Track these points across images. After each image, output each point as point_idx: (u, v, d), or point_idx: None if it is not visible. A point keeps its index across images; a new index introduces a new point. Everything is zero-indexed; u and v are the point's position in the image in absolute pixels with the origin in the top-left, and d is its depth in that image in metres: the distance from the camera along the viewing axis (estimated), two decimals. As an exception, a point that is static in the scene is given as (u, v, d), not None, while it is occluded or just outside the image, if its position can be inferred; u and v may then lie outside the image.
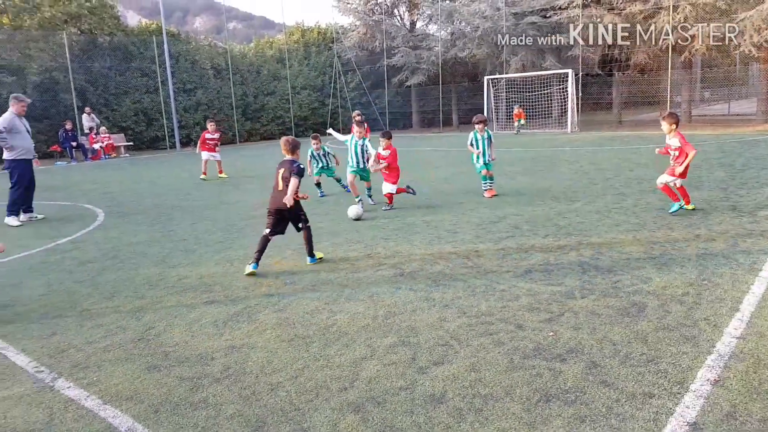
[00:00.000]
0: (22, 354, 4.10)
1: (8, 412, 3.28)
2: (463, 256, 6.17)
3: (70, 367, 3.83)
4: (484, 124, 9.91)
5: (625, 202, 8.81)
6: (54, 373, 3.75)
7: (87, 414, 3.21)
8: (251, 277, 5.76)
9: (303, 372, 3.57)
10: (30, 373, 3.79)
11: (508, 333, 4.03)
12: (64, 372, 3.77)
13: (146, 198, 11.98)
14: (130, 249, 7.31)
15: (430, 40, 35.64)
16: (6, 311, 5.05)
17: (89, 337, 4.34)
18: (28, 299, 5.39)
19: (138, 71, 29.00)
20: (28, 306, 5.19)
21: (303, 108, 36.28)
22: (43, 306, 5.15)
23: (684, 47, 26.17)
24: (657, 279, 5.08)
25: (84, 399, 3.38)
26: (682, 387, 3.18)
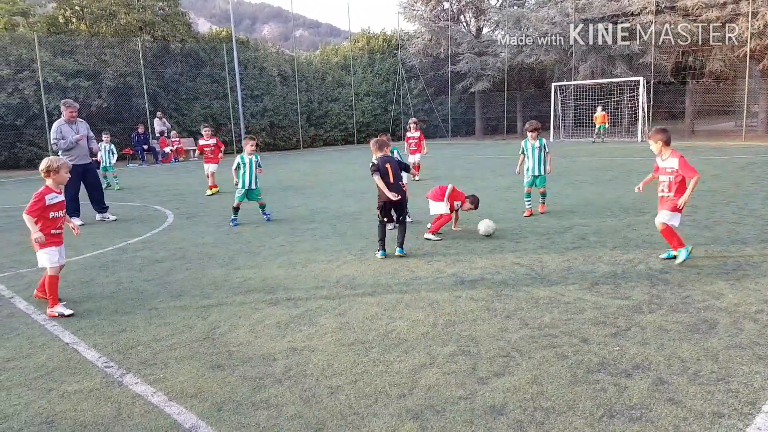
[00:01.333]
0: (92, 349, 4.27)
1: (78, 406, 3.40)
2: (526, 266, 6.09)
3: (137, 364, 3.98)
4: (537, 132, 8.96)
5: (697, 215, 8.44)
6: (122, 369, 3.89)
7: (153, 410, 3.32)
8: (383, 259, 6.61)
9: (362, 377, 3.62)
10: (100, 368, 3.94)
11: (572, 346, 3.95)
12: (132, 368, 3.91)
13: (214, 201, 12.43)
14: (197, 250, 7.58)
15: (496, 46, 35.34)
16: (78, 307, 5.24)
17: (156, 335, 4.51)
18: (99, 296, 5.65)
19: (208, 77, 30.10)
20: (99, 303, 5.40)
21: (366, 114, 36.70)
22: (114, 303, 5.38)
23: (763, 55, 24.83)
24: (729, 295, 4.86)
25: (150, 395, 3.50)
26: (754, 407, 3.05)
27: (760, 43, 24.44)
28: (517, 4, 36.39)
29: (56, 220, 5.22)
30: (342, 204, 11.06)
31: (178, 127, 28.17)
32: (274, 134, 32.40)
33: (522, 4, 36.68)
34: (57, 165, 5.26)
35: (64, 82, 24.08)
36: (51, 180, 5.24)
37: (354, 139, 36.11)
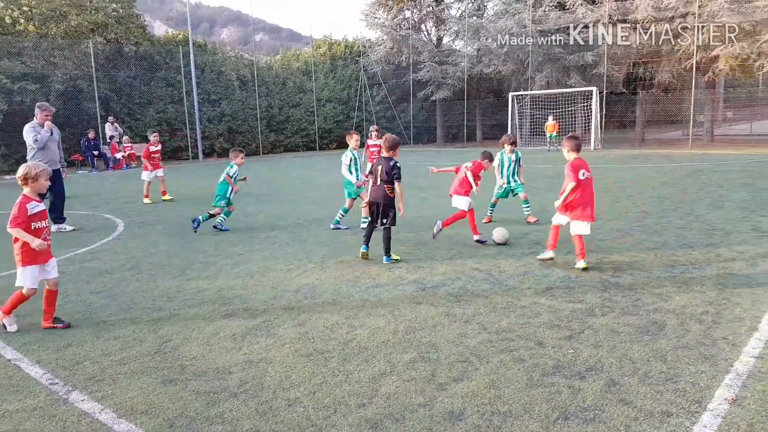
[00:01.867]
0: (36, 365, 4.05)
1: (21, 426, 3.23)
2: (485, 271, 6.18)
3: (84, 380, 3.81)
4: (514, 145, 9.07)
5: (647, 221, 8.73)
6: (68, 386, 3.73)
7: (101, 428, 3.19)
8: (364, 258, 6.81)
9: (321, 387, 3.59)
10: (44, 385, 3.76)
11: (529, 350, 4.03)
12: (78, 384, 3.75)
13: (167, 209, 12.16)
14: (149, 260, 7.37)
15: (456, 55, 35.86)
16: (21, 321, 4.93)
17: (105, 350, 4.33)
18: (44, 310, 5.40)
19: (163, 81, 29.49)
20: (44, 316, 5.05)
21: (328, 120, 36.63)
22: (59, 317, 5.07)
23: (708, 67, 25.98)
24: (677, 298, 5.04)
25: (98, 412, 3.37)
26: (700, 406, 3.17)
27: (705, 55, 25.53)
28: (476, 15, 37.03)
29: (39, 231, 4.77)
30: (303, 211, 10.99)
31: (131, 132, 27.48)
32: (232, 140, 31.97)
33: (481, 14, 37.34)
34: (36, 172, 4.80)
35: (9, 85, 23.13)
36: (29, 188, 4.81)
37: (316, 145, 35.98)
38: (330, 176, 18.48)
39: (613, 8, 27.48)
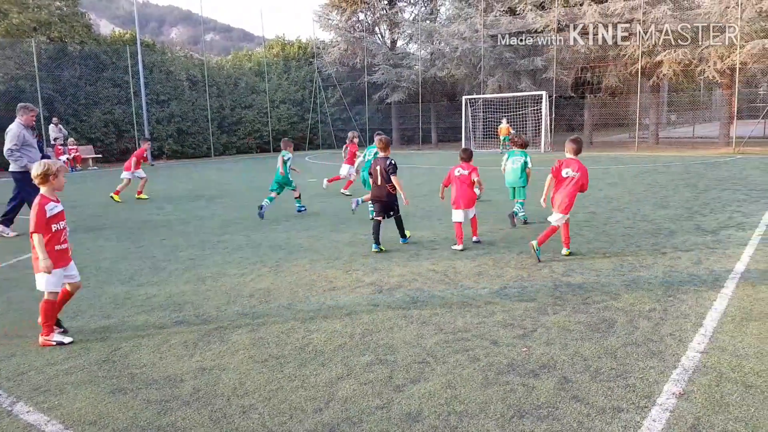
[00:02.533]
0: None
1: None
2: (441, 272, 6.22)
3: (29, 391, 3.68)
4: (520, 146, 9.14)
5: (596, 220, 8.99)
6: (12, 397, 3.60)
7: None
8: (378, 253, 7.22)
9: (277, 393, 3.54)
10: None
11: (484, 349, 4.07)
12: (23, 396, 3.62)
13: (115, 212, 11.77)
14: (97, 266, 7.12)
15: (411, 58, 36.12)
16: None
17: (51, 359, 4.18)
18: (-11, 317, 5.15)
19: (109, 81, 28.57)
20: None
21: (282, 122, 36.21)
22: (2, 326, 4.94)
23: (652, 71, 27.01)
24: (625, 295, 5.20)
25: (44, 424, 3.25)
26: (649, 401, 3.26)
27: (650, 60, 26.52)
28: (429, 19, 37.39)
29: (59, 233, 4.48)
30: (257, 214, 10.82)
31: (76, 133, 26.53)
32: (182, 141, 31.27)
33: (434, 18, 37.74)
34: (56, 168, 4.49)
35: (-55, 85, 22.04)
36: (47, 187, 4.48)
37: (270, 147, 35.52)
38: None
39: (562, 14, 28.23)
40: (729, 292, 5.20)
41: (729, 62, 23.81)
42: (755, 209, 9.53)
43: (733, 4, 23.51)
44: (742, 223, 8.36)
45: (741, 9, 23.04)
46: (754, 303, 4.87)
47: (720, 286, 5.39)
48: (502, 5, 30.80)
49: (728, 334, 4.21)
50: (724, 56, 23.88)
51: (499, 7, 30.85)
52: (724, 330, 4.28)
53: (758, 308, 4.74)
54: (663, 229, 8.15)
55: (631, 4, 25.87)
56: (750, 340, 4.08)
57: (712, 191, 11.91)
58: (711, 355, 3.84)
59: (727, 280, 5.57)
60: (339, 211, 10.89)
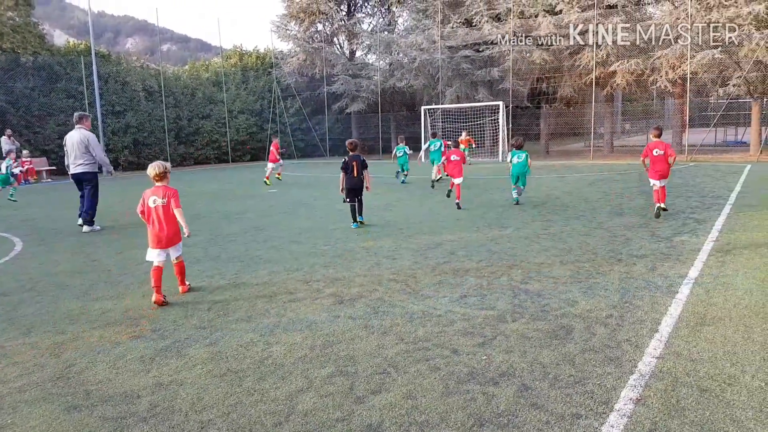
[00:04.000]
0: None
1: None
2: (402, 282, 6.22)
3: (-20, 409, 3.55)
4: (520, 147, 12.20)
5: (553, 228, 9.16)
6: (-37, 416, 3.46)
7: None
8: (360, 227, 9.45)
9: (236, 408, 3.47)
10: None
11: (444, 358, 4.08)
12: (-26, 414, 3.48)
13: (69, 226, 11.38)
14: (50, 280, 6.90)
15: (369, 69, 36.27)
16: None
17: (3, 377, 4.04)
18: (-66, 336, 4.94)
19: (64, 92, 27.83)
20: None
21: (240, 132, 35.78)
22: None
23: (606, 82, 27.82)
24: (583, 302, 5.30)
25: (-4, 443, 3.15)
26: (607, 407, 3.32)
27: (603, 71, 27.32)
28: (387, 30, 37.69)
29: None
30: (215, 225, 10.64)
31: (30, 146, 25.70)
32: (138, 152, 30.55)
33: (392, 29, 38.06)
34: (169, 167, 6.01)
35: None
36: (166, 180, 5.94)
37: (228, 157, 35.05)
38: (243, 189, 18.07)
39: (518, 25, 28.86)
40: (683, 297, 5.35)
41: (680, 72, 24.73)
42: (708, 216, 9.89)
43: (683, 16, 24.48)
44: (695, 230, 8.65)
45: (691, 20, 24.00)
46: (708, 308, 5.03)
47: (675, 291, 5.54)
48: (459, 17, 31.29)
49: (683, 339, 4.32)
50: (675, 66, 24.79)
51: (456, 18, 31.32)
52: (680, 335, 4.40)
53: (712, 313, 4.89)
54: (618, 236, 8.36)
55: (585, 15, 26.63)
56: (704, 344, 4.20)
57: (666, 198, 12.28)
58: (667, 360, 3.94)
59: (682, 285, 5.74)
60: (298, 221, 10.82)
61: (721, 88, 25.35)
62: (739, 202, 11.52)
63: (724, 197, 12.23)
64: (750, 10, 22.14)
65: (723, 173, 17.96)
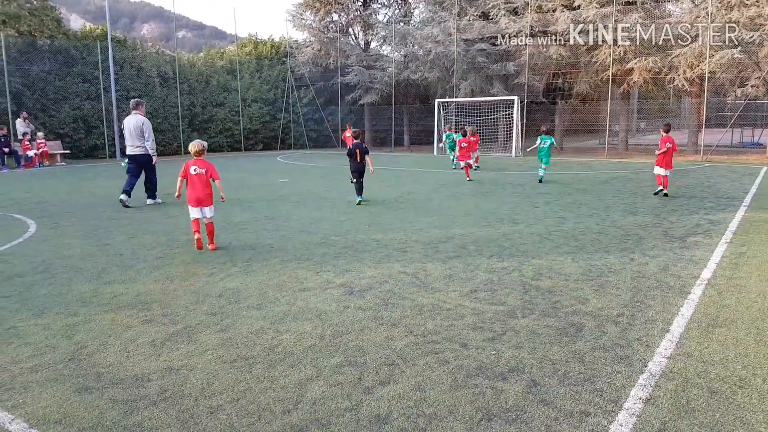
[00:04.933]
0: None
1: None
2: (412, 274, 6.22)
3: (-6, 388, 3.60)
4: (547, 132, 15.43)
5: (565, 225, 9.11)
6: (-24, 394, 3.51)
7: None
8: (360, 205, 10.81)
9: (245, 394, 3.49)
10: None
11: (453, 352, 4.08)
12: (-13, 393, 3.54)
13: (82, 209, 11.51)
14: (63, 263, 6.97)
15: (384, 60, 36.12)
16: None
17: (16, 357, 4.10)
18: (-50, 314, 5.02)
19: (79, 77, 27.98)
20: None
21: (254, 121, 35.83)
22: None
23: (623, 79, 27.54)
24: (594, 300, 5.27)
25: (8, 423, 3.19)
26: (616, 405, 3.31)
27: (620, 68, 27.04)
28: (403, 21, 37.48)
29: None
30: (227, 213, 10.69)
31: (45, 129, 25.87)
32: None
33: (408, 21, 37.83)
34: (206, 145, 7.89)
35: None
36: (204, 155, 7.70)
37: (241, 146, 35.15)
38: (255, 178, 18.12)
39: (535, 19, 28.61)
40: (696, 298, 5.31)
41: (698, 71, 24.41)
42: (722, 217, 9.79)
43: (703, 15, 24.14)
44: (709, 231, 8.57)
45: (711, 19, 23.66)
46: (720, 309, 4.99)
47: (687, 292, 5.50)
48: (476, 9, 31.05)
49: (694, 340, 4.29)
50: (693, 65, 24.47)
51: (473, 11, 31.09)
52: (691, 336, 4.37)
53: (724, 315, 4.85)
54: (632, 235, 8.30)
55: (603, 11, 26.34)
56: (715, 346, 4.17)
57: (680, 198, 12.19)
58: (677, 361, 3.91)
59: (694, 286, 5.70)
60: (309, 211, 10.84)
61: (739, 89, 25.03)
62: (754, 204, 11.39)
63: (739, 199, 12.10)
64: (772, 10, 21.79)
65: (739, 174, 17.76)
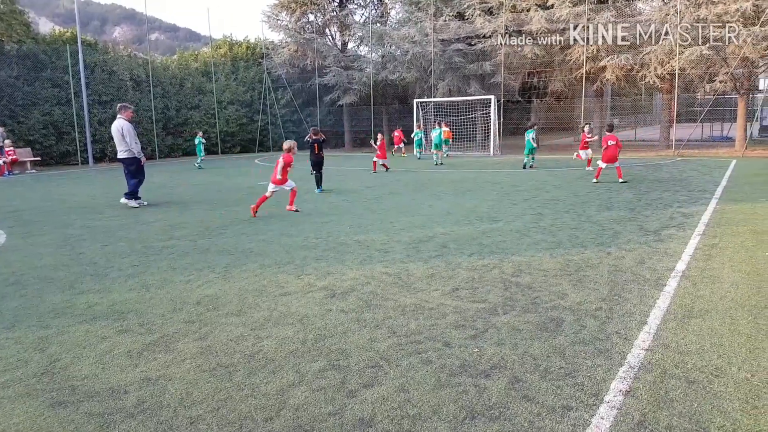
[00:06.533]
0: None
1: None
2: (394, 275, 6.20)
3: (-36, 405, 3.48)
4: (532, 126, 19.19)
5: (543, 222, 9.18)
6: (-53, 411, 3.39)
7: None
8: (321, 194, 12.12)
9: (226, 403, 3.43)
10: None
11: (436, 351, 4.07)
12: (-42, 409, 3.41)
13: (54, 217, 11.27)
14: (35, 273, 6.78)
15: (362, 61, 36.10)
16: None
17: (-13, 371, 3.97)
18: None
19: (49, 81, 27.46)
20: None
21: (230, 123, 35.56)
22: None
23: (596, 77, 27.90)
24: (572, 295, 5.31)
25: (-19, 439, 3.09)
26: (597, 399, 3.33)
27: (594, 66, 27.39)
28: (380, 22, 37.51)
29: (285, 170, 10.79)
30: (205, 218, 10.57)
31: (14, 135, 25.34)
32: (127, 144, 30.23)
33: (384, 21, 37.88)
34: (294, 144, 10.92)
35: None
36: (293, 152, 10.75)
37: (218, 149, 34.85)
38: (233, 181, 17.96)
39: (510, 19, 28.83)
40: (671, 290, 5.39)
41: (669, 68, 24.84)
42: (695, 210, 9.96)
43: (673, 12, 24.58)
44: (682, 223, 8.71)
45: (680, 17, 24.09)
46: (695, 300, 5.07)
47: (663, 284, 5.58)
48: (452, 10, 31.20)
49: (671, 331, 4.35)
50: (664, 62, 24.90)
51: (449, 11, 31.24)
52: (668, 327, 4.43)
53: (699, 305, 4.93)
54: (607, 230, 8.40)
55: (576, 10, 26.65)
56: (692, 336, 4.23)
57: (654, 192, 12.38)
58: (655, 352, 3.96)
59: (669, 278, 5.78)
60: (290, 214, 10.77)
61: (708, 84, 25.52)
62: (725, 196, 11.62)
63: (711, 192, 12.33)
64: (738, 7, 22.27)
65: (709, 168, 18.11)
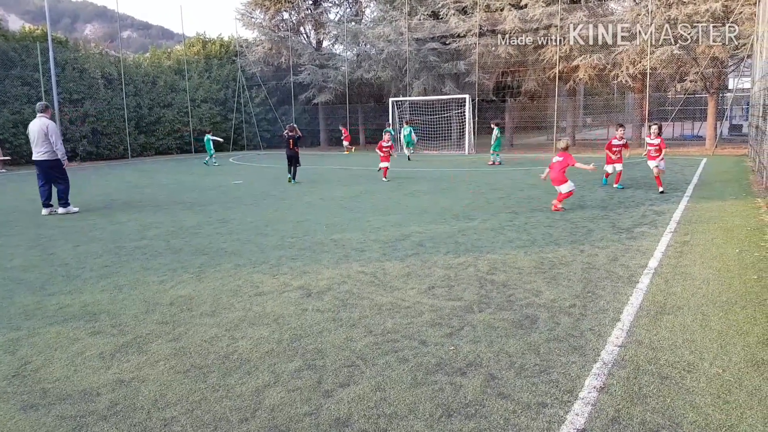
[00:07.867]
0: None
1: None
2: (370, 274, 6.20)
3: (-70, 410, 3.38)
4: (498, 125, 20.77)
5: (517, 220, 9.28)
6: None
7: None
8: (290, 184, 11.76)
9: (200, 404, 3.40)
10: None
11: (412, 349, 4.08)
12: (-77, 415, 3.32)
13: (24, 218, 11.02)
14: (4, 275, 6.63)
15: (337, 59, 35.99)
16: None
17: (-45, 375, 3.87)
18: None
19: (18, 79, 26.84)
20: None
21: (204, 122, 35.12)
22: None
23: (569, 76, 28.26)
24: (547, 292, 5.38)
25: (-53, 445, 3.01)
26: (572, 395, 3.37)
27: (567, 65, 27.74)
28: (355, 20, 37.45)
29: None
30: (177, 217, 10.43)
31: (-20, 135, 24.73)
32: (97, 142, 29.75)
33: (359, 20, 37.82)
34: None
35: None
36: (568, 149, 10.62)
37: (191, 147, 34.40)
38: (207, 180, 17.76)
39: (484, 19, 29.03)
40: (644, 287, 5.48)
41: (640, 67, 25.29)
42: (666, 207, 10.16)
43: (644, 12, 25.01)
44: (654, 221, 8.87)
45: (651, 17, 24.53)
46: (667, 297, 5.16)
47: (635, 281, 5.67)
48: (426, 9, 31.30)
49: (644, 327, 4.42)
50: (635, 62, 25.35)
51: (423, 10, 31.32)
52: (640, 324, 4.50)
53: (671, 302, 5.02)
54: (580, 228, 8.51)
55: (549, 10, 26.95)
56: (664, 333, 4.31)
57: (626, 190, 12.60)
58: (629, 349, 4.02)
59: (642, 275, 5.88)
60: (264, 213, 10.69)
61: (678, 84, 26.04)
62: (695, 194, 11.88)
63: (682, 189, 12.59)
64: (708, 8, 22.77)
65: (680, 166, 18.49)
